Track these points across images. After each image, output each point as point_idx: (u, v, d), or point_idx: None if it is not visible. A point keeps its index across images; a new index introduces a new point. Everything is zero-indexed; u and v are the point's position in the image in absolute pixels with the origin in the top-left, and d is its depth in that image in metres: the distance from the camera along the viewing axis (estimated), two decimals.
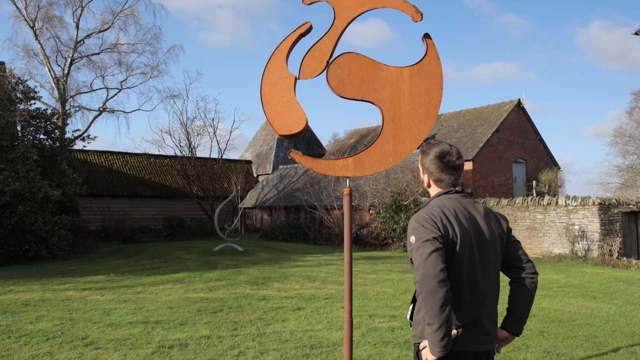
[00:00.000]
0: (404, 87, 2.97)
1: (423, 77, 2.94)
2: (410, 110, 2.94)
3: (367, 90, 3.03)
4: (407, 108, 2.95)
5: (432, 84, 2.91)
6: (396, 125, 2.95)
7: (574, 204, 14.80)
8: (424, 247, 2.01)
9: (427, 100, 2.92)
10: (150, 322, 6.70)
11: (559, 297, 8.75)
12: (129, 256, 15.60)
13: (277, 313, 7.30)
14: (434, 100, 2.91)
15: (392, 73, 2.98)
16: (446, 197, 2.24)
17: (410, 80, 2.96)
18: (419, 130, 2.91)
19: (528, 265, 2.28)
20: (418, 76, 2.95)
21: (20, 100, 15.06)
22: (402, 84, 2.97)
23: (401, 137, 2.94)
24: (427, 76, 2.93)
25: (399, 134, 2.95)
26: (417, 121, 2.91)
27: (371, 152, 3.06)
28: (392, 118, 2.95)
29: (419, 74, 2.95)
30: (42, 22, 23.59)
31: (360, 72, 3.08)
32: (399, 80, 2.97)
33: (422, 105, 2.93)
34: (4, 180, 12.98)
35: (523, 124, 25.84)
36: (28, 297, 8.54)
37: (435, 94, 2.91)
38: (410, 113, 2.94)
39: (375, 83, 3.00)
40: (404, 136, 2.93)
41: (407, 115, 2.94)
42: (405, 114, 2.94)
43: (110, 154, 27.63)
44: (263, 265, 13.22)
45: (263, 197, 27.34)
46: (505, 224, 2.32)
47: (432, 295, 1.92)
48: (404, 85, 2.97)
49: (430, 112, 2.91)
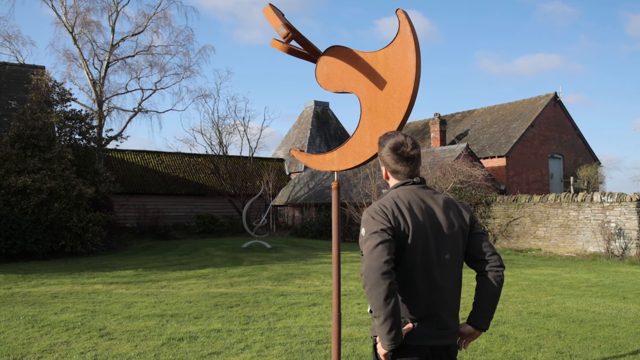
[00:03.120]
0: (379, 71, 2.83)
1: (397, 57, 2.75)
2: (385, 95, 2.80)
3: (348, 81, 3.01)
4: (382, 94, 2.81)
5: (405, 64, 2.70)
6: (373, 114, 2.86)
7: (610, 200, 14.25)
8: (371, 239, 1.99)
9: (400, 83, 2.73)
10: (167, 315, 6.86)
11: (586, 296, 8.46)
12: (160, 252, 16.00)
13: (292, 308, 7.35)
14: (407, 82, 2.70)
15: (368, 59, 2.88)
16: (402, 188, 2.19)
17: (384, 63, 2.80)
18: (394, 116, 2.77)
19: (493, 258, 2.20)
20: (392, 57, 2.77)
21: (57, 102, 15.69)
22: (377, 69, 2.84)
23: (378, 126, 2.84)
24: (400, 56, 2.73)
25: (376, 123, 2.85)
26: (391, 107, 2.77)
27: (352, 144, 3.04)
28: (369, 107, 2.88)
29: (392, 55, 2.76)
30: (80, 27, 24.46)
31: (342, 64, 3.06)
32: (374, 65, 2.85)
33: (395, 88, 2.75)
34: (41, 179, 13.54)
35: (560, 118, 25.06)
36: (58, 290, 8.90)
37: (408, 75, 2.70)
38: (385, 98, 2.80)
39: (354, 73, 2.96)
40: (380, 125, 2.83)
41: (382, 101, 2.81)
42: (381, 100, 2.82)
43: (146, 153, 28.35)
44: (288, 262, 13.32)
45: (294, 195, 27.51)
46: (468, 215, 2.25)
47: (376, 287, 1.89)
48: (379, 69, 2.83)
49: (404, 95, 2.71)
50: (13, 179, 13.26)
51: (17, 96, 16.87)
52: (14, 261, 13.07)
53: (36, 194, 13.46)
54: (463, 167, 17.90)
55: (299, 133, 33.74)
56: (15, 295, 8.34)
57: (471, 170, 17.80)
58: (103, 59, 25.26)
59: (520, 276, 10.79)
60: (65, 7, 24.40)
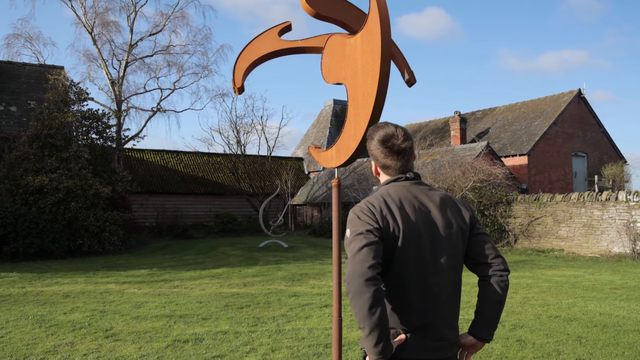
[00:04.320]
0: (357, 56, 2.63)
1: (369, 39, 2.53)
2: (362, 82, 2.60)
3: (340, 70, 2.83)
4: (360, 80, 2.61)
5: (375, 46, 2.48)
6: (355, 103, 2.66)
7: (636, 199, 13.75)
8: (355, 242, 1.79)
9: (372, 68, 2.52)
10: (175, 315, 6.77)
11: (609, 299, 8.10)
12: (176, 251, 16.01)
13: (303, 310, 7.19)
14: (376, 65, 2.47)
15: (351, 45, 2.68)
16: (393, 185, 1.99)
17: (361, 47, 2.60)
18: (367, 103, 2.56)
19: (496, 261, 1.99)
20: (366, 39, 2.56)
21: (74, 102, 15.82)
22: (356, 54, 2.64)
23: (358, 116, 2.65)
24: (371, 38, 2.51)
25: (357, 113, 2.65)
26: (366, 94, 2.57)
27: (343, 138, 2.87)
28: (352, 96, 2.68)
29: (366, 37, 2.55)
30: (99, 28, 24.69)
31: (336, 54, 2.89)
32: (354, 50, 2.65)
33: (369, 74, 2.54)
34: (58, 178, 13.65)
35: (584, 115, 24.40)
36: (70, 289, 8.90)
37: (378, 58, 2.46)
38: (362, 86, 2.60)
39: (343, 61, 2.76)
40: (359, 115, 2.63)
41: (360, 88, 2.61)
42: (359, 87, 2.62)
43: (165, 153, 28.50)
44: (304, 262, 13.18)
45: (313, 194, 27.37)
46: (469, 214, 2.03)
47: (359, 296, 1.69)
48: (357, 54, 2.62)
49: (375, 81, 2.49)
50: (30, 178, 13.39)
51: (36, 96, 17.07)
52: (31, 260, 13.19)
53: (53, 193, 13.57)
54: (483, 165, 17.54)
55: (318, 132, 33.58)
56: (28, 295, 8.36)
57: (491, 169, 17.42)
58: (122, 59, 25.47)
59: (541, 277, 10.44)
60: (84, 8, 24.67)
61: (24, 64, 19.01)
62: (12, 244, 12.96)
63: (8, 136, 15.41)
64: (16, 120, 16.59)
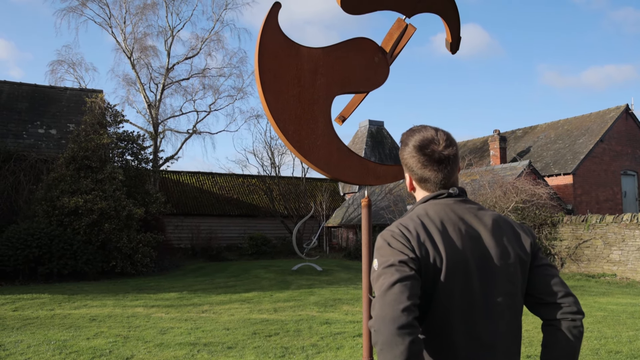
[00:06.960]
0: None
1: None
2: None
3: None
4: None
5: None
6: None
7: None
8: (385, 276, 1.38)
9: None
10: (200, 344, 6.42)
11: None
12: (209, 274, 15.79)
13: (335, 339, 6.72)
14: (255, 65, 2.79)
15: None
16: (432, 202, 1.56)
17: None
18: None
19: (567, 300, 1.53)
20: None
21: (110, 124, 16.00)
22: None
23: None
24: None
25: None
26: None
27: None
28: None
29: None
30: (138, 52, 25.28)
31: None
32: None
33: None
34: (93, 200, 13.70)
35: (633, 131, 23.22)
36: (98, 312, 8.71)
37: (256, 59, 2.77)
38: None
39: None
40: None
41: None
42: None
43: (200, 175, 28.68)
44: (338, 286, 12.69)
45: (348, 216, 26.89)
46: (529, 240, 1.58)
47: (391, 348, 1.27)
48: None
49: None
50: (66, 200, 13.47)
51: (75, 119, 17.40)
52: (65, 281, 13.18)
53: (87, 215, 13.60)
54: (525, 185, 16.74)
55: None
56: (55, 318, 8.20)
57: (534, 189, 16.60)
58: (159, 82, 25.94)
59: (594, 305, 9.64)
60: (124, 34, 25.34)
61: (65, 88, 19.50)
62: (46, 264, 13.00)
63: (47, 158, 15.67)
64: (55, 142, 16.91)
